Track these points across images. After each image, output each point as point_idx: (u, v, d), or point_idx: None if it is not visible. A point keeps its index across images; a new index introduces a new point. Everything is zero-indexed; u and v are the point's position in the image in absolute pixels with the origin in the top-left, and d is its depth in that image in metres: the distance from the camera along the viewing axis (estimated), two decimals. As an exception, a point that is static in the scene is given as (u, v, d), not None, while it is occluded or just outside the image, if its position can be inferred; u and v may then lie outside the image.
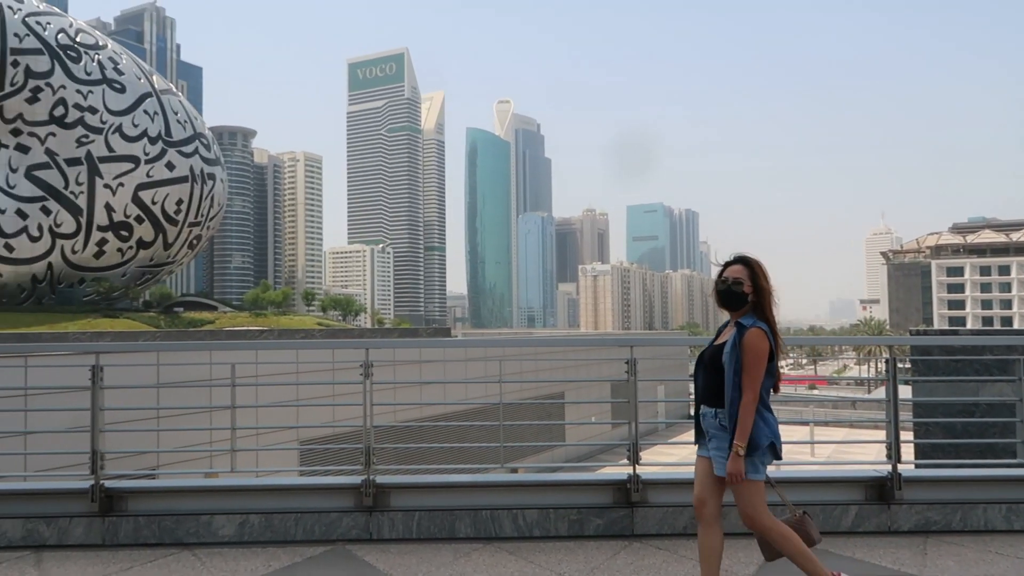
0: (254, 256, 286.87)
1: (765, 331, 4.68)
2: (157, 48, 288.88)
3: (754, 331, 4.67)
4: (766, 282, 4.81)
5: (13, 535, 6.18)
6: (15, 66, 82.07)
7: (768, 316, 4.78)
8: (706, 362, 4.86)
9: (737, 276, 4.84)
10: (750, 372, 4.60)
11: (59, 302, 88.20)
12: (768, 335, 4.69)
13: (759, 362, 4.62)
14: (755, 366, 4.61)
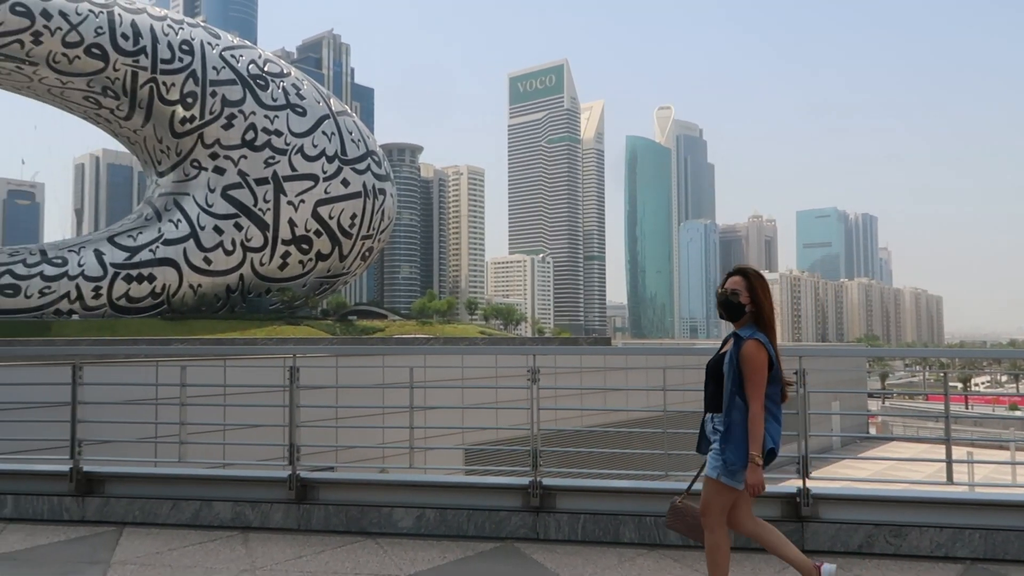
0: (421, 266, 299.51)
1: (763, 342, 4.73)
2: (334, 72, 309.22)
3: (751, 342, 4.73)
4: (764, 294, 4.90)
5: (224, 516, 6.96)
6: (213, 96, 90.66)
7: (767, 327, 4.83)
8: (711, 371, 4.93)
9: (735, 287, 4.96)
10: (751, 382, 4.63)
11: (249, 310, 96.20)
12: (766, 345, 4.74)
13: (759, 372, 4.64)
14: (756, 376, 4.64)
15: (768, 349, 4.75)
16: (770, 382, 4.74)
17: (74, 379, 7.27)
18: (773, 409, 4.79)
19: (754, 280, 4.97)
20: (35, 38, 78.84)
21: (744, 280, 4.98)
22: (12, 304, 79.95)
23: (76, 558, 6.21)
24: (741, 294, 4.94)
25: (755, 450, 4.56)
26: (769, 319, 4.88)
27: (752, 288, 4.94)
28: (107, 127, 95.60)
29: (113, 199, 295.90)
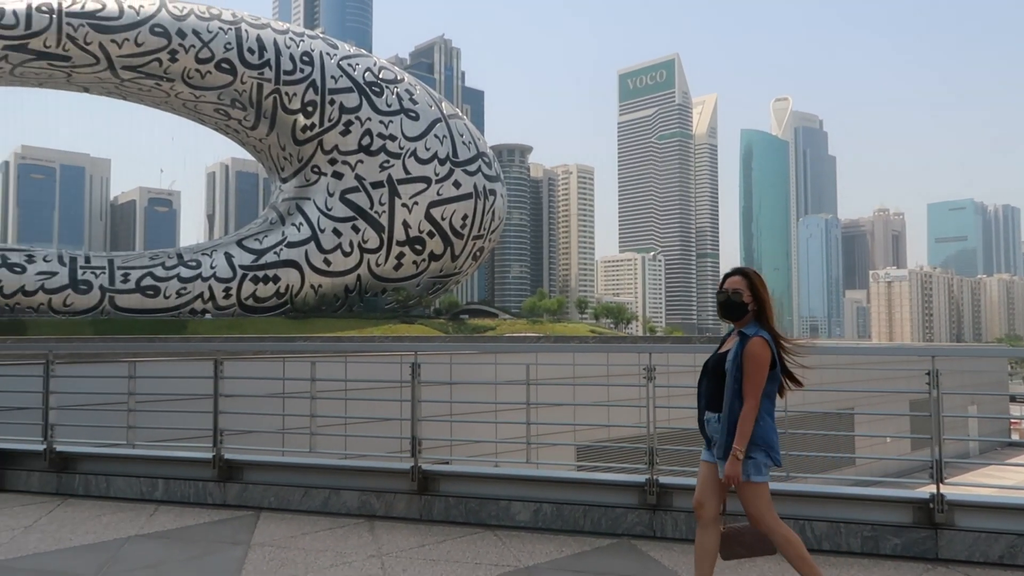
0: (530, 266, 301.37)
1: (767, 340, 4.81)
2: (445, 76, 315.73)
3: (757, 340, 4.80)
4: (765, 292, 4.98)
5: (351, 504, 7.31)
6: (331, 104, 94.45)
7: (770, 325, 4.91)
8: (710, 369, 5.00)
9: (736, 287, 5.00)
10: (752, 379, 4.72)
11: (366, 309, 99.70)
12: (770, 343, 4.81)
13: (761, 370, 4.73)
14: (757, 374, 4.72)
15: (772, 347, 4.82)
16: (770, 380, 4.82)
17: (216, 373, 7.82)
18: (771, 407, 4.87)
19: (755, 279, 5.05)
20: (171, 56, 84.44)
21: (745, 279, 5.03)
22: (152, 304, 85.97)
23: (220, 538, 6.69)
24: (743, 293, 4.98)
25: (739, 444, 4.65)
26: (769, 318, 4.96)
27: (754, 287, 5.00)
28: (236, 137, 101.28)
29: (241, 204, 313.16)
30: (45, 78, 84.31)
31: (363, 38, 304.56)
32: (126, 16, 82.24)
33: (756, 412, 4.71)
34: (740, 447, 4.65)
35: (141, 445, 8.53)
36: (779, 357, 4.87)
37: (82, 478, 8.29)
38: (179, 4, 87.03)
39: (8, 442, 8.92)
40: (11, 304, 79.12)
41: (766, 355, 4.77)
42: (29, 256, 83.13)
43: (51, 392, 8.53)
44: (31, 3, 78.35)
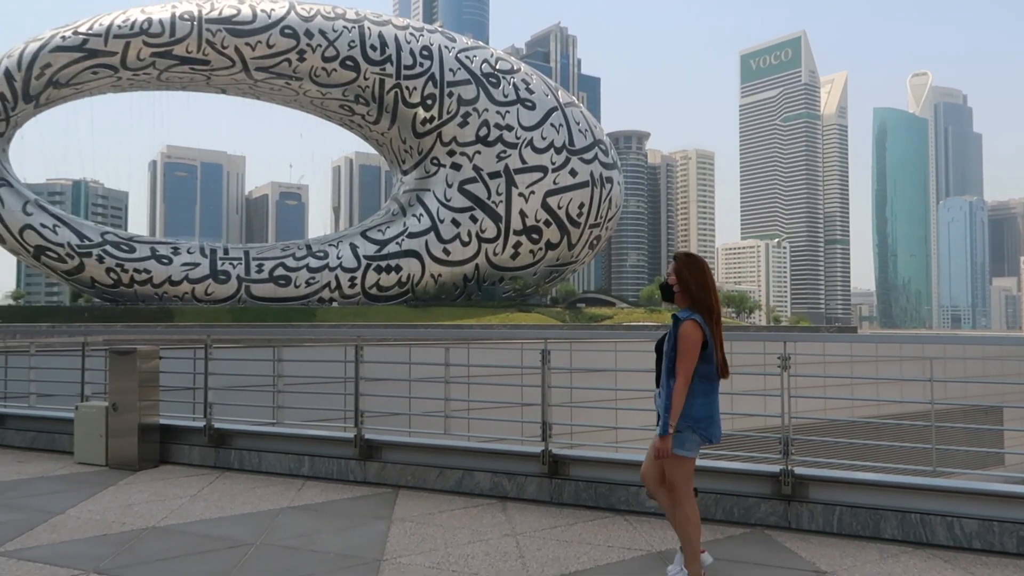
0: (648, 254, 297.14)
1: (699, 322, 4.98)
2: (561, 65, 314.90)
3: (688, 323, 5.00)
4: (692, 275, 5.10)
5: (484, 485, 7.56)
6: (450, 96, 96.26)
7: (703, 307, 5.04)
8: (657, 349, 5.34)
9: (669, 271, 5.24)
10: (683, 359, 4.94)
11: (484, 298, 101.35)
12: (702, 325, 4.98)
13: (691, 350, 4.93)
14: (687, 354, 4.93)
15: (703, 329, 5.00)
16: (704, 360, 5.01)
17: (357, 358, 8.26)
18: (704, 386, 5.05)
19: (681, 263, 5.22)
20: (300, 56, 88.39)
21: (675, 264, 5.25)
22: (284, 293, 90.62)
23: (363, 512, 7.09)
24: (671, 277, 5.22)
25: (672, 420, 4.93)
26: (701, 300, 5.08)
27: (679, 271, 5.18)
28: (359, 132, 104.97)
29: (365, 197, 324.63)
30: (187, 81, 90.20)
31: (480, 30, 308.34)
32: (259, 20, 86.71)
33: (686, 390, 4.94)
34: (672, 423, 4.94)
35: (288, 424, 9.13)
36: (712, 339, 5.05)
37: (237, 453, 8.96)
38: (306, 6, 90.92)
39: (172, 419, 9.75)
40: (159, 293, 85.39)
41: (696, 336, 4.96)
42: (175, 249, 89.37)
43: (210, 374, 9.26)
44: (174, 12, 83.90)
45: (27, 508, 7.38)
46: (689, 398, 4.97)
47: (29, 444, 10.64)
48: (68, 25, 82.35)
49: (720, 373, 5.13)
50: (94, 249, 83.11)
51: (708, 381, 5.08)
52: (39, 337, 22.51)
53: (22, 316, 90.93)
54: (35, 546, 6.19)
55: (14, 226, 79.91)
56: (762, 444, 17.19)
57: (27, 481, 8.63)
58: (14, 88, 79.48)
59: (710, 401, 5.10)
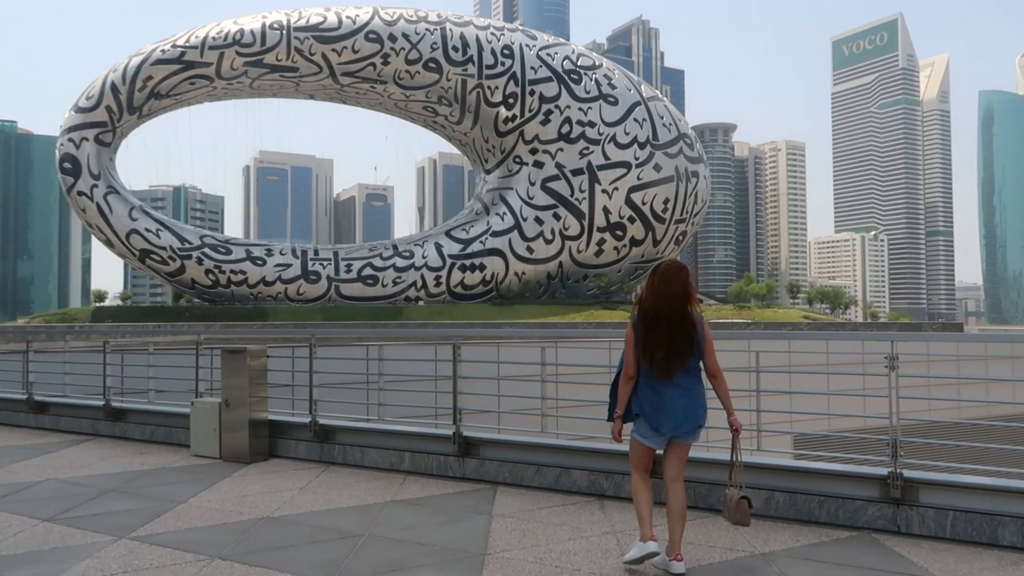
0: (736, 249, 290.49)
1: (631, 322, 5.69)
2: (643, 58, 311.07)
3: (629, 325, 5.75)
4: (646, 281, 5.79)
5: (581, 483, 7.64)
6: (531, 95, 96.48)
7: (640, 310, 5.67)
8: None
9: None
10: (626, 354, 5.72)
11: (567, 296, 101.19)
12: (633, 326, 5.66)
13: (627, 348, 5.71)
14: (625, 352, 5.75)
15: (634, 329, 5.66)
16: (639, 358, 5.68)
17: (455, 357, 8.47)
18: (646, 380, 5.60)
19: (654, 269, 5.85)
20: (384, 59, 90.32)
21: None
22: (372, 292, 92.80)
23: (464, 507, 7.27)
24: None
25: (619, 408, 5.71)
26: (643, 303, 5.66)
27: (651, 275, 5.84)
28: (442, 132, 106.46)
29: (448, 197, 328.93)
30: (277, 88, 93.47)
31: (561, 27, 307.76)
32: (344, 26, 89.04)
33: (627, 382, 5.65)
34: (619, 412, 5.70)
35: (389, 420, 9.42)
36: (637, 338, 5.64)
37: (340, 448, 9.32)
38: (389, 10, 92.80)
39: (280, 415, 10.20)
40: (254, 293, 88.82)
41: (628, 335, 5.71)
42: (268, 250, 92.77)
43: (314, 372, 9.65)
44: (264, 22, 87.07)
45: (153, 497, 7.89)
46: (635, 390, 5.65)
47: (148, 437, 11.33)
48: (167, 39, 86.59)
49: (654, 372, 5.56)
50: (194, 252, 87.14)
51: (647, 376, 5.58)
52: (146, 336, 23.80)
53: (130, 316, 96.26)
54: (163, 532, 6.63)
55: (121, 231, 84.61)
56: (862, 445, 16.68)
57: (150, 472, 9.21)
58: (119, 100, 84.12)
59: (656, 394, 5.54)
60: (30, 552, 6.17)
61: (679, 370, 5.50)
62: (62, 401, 12.93)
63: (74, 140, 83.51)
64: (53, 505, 7.63)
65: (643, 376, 5.57)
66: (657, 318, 5.49)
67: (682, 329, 5.49)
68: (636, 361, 5.58)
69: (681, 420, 5.55)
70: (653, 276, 5.67)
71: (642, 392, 5.58)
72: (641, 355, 5.54)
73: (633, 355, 5.58)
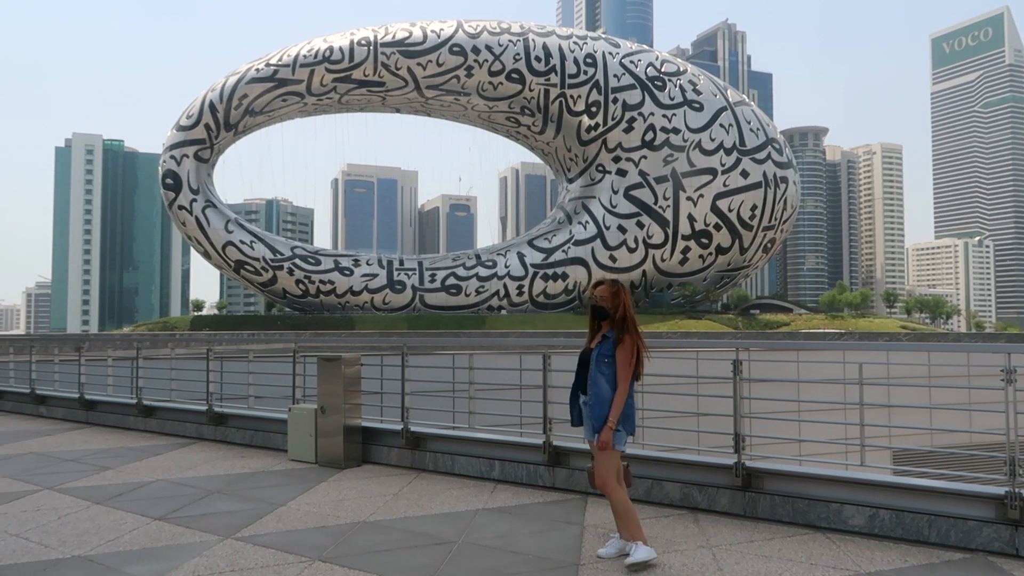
0: (828, 256, 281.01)
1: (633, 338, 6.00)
2: (729, 63, 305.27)
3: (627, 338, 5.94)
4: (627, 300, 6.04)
5: (673, 495, 7.52)
6: (614, 102, 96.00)
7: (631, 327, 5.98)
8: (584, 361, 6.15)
9: (603, 294, 6.11)
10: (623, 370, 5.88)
11: (651, 305, 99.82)
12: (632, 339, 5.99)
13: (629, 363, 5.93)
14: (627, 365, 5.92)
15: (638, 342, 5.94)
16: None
17: (544, 366, 8.48)
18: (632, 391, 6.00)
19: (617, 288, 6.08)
20: (467, 72, 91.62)
21: (610, 288, 6.08)
22: (455, 301, 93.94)
23: (555, 517, 7.26)
24: (608, 300, 6.03)
25: (613, 418, 5.82)
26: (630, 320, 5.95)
27: (616, 295, 6.02)
28: (525, 142, 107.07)
29: (531, 206, 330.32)
30: (365, 103, 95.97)
31: (644, 33, 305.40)
32: (429, 40, 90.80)
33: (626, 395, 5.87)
34: (614, 420, 5.81)
35: (478, 428, 9.50)
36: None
37: (431, 455, 9.46)
38: (473, 23, 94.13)
39: (371, 421, 10.44)
40: (342, 303, 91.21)
41: (632, 346, 5.89)
42: (355, 261, 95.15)
43: (406, 380, 9.84)
44: (352, 39, 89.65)
45: (254, 499, 8.19)
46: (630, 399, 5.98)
47: (248, 441, 11.78)
48: (261, 58, 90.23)
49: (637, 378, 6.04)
50: (285, 262, 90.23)
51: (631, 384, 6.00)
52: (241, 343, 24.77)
53: (226, 325, 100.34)
54: (265, 533, 6.87)
55: (218, 243, 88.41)
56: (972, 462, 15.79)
57: (251, 475, 9.56)
58: (216, 118, 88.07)
59: (633, 402, 6.07)
60: (144, 549, 6.50)
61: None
62: (168, 406, 13.59)
63: (175, 157, 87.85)
64: (163, 504, 8.01)
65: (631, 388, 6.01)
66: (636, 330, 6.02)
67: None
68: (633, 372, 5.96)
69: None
70: (624, 292, 6.06)
71: (629, 402, 5.97)
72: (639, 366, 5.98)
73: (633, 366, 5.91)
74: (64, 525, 7.26)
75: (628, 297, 6.05)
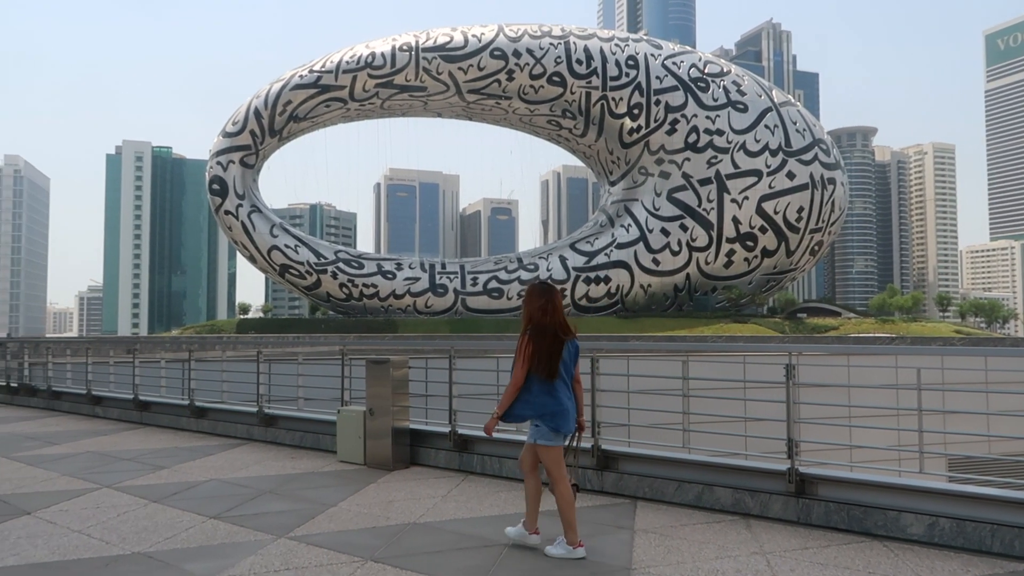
0: (877, 259, 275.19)
1: (531, 336, 6.29)
2: (774, 63, 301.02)
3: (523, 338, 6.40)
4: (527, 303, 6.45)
5: (724, 501, 7.42)
6: (657, 104, 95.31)
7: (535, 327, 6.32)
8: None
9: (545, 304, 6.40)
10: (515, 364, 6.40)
11: (695, 308, 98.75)
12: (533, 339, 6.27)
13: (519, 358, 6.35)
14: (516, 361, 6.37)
15: (534, 343, 6.18)
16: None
17: (592, 370, 8.45)
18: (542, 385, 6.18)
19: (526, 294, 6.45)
20: (508, 75, 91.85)
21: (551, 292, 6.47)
22: (497, 305, 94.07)
23: (605, 521, 7.23)
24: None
25: (499, 410, 6.30)
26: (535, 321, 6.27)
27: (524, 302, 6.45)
28: (566, 145, 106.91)
29: (572, 209, 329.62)
30: (407, 108, 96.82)
31: (686, 34, 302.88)
32: (470, 44, 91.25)
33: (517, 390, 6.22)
34: (498, 412, 6.32)
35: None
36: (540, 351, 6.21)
37: (479, 458, 9.49)
38: (514, 27, 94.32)
39: (419, 424, 10.52)
40: (385, 306, 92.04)
41: (525, 346, 6.23)
42: (398, 264, 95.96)
43: (454, 383, 9.89)
44: (394, 44, 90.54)
45: (305, 499, 8.31)
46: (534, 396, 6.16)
47: (297, 443, 11.95)
48: (304, 65, 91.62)
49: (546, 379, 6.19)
50: (329, 266, 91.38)
51: (541, 383, 6.18)
52: (287, 346, 25.12)
53: (271, 327, 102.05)
54: (317, 533, 6.96)
55: (263, 247, 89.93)
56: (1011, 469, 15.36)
57: (301, 475, 9.71)
58: (262, 125, 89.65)
59: (554, 398, 6.15)
60: (201, 547, 6.64)
61: (558, 377, 6.19)
62: (219, 407, 13.86)
63: (222, 163, 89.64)
64: (217, 504, 8.18)
65: (537, 383, 6.15)
66: (553, 331, 6.21)
67: (563, 341, 6.26)
68: (528, 369, 6.17)
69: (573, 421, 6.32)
70: (546, 296, 6.32)
71: (537, 398, 6.15)
72: (537, 364, 6.13)
73: (526, 364, 6.16)
74: (123, 522, 7.45)
75: (554, 299, 6.38)
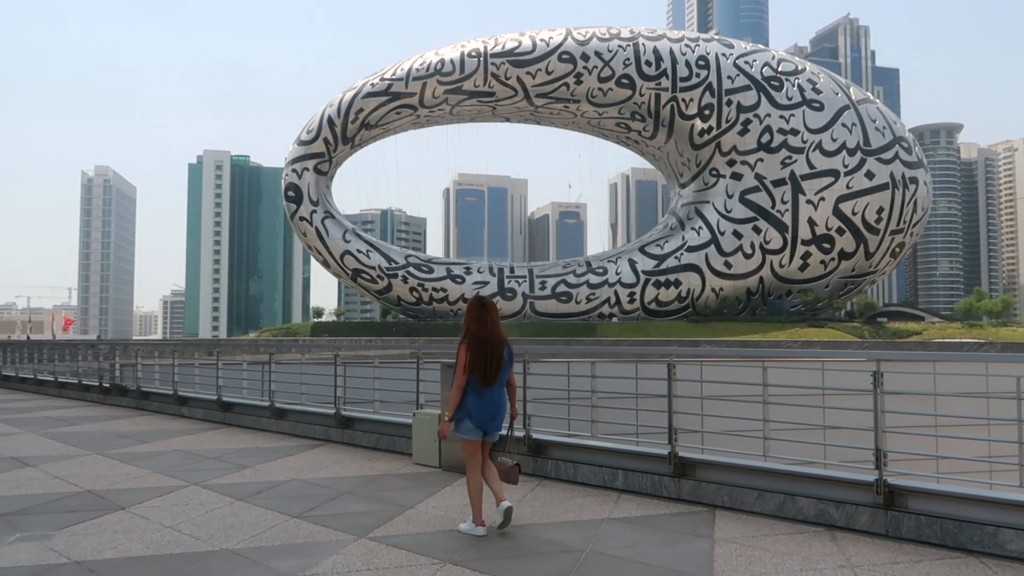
0: (963, 261, 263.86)
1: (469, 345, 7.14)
2: (851, 59, 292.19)
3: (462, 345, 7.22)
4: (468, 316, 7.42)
5: (807, 512, 7.22)
6: (728, 104, 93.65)
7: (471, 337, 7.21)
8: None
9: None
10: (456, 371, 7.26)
11: (769, 312, 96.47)
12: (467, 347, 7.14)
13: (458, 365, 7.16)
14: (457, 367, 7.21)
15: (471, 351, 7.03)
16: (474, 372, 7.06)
17: (669, 375, 8.33)
18: (479, 389, 7.04)
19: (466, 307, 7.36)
20: (576, 79, 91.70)
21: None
22: (566, 309, 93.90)
23: (682, 529, 7.12)
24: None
25: (448, 413, 7.07)
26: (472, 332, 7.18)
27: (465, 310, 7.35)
28: (635, 148, 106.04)
29: (642, 212, 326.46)
30: (475, 113, 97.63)
31: (759, 32, 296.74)
32: (538, 49, 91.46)
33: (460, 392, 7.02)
34: (448, 414, 7.05)
35: (602, 437, 9.44)
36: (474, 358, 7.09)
37: (554, 463, 9.47)
38: (582, 30, 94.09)
39: (493, 427, 10.53)
40: (454, 310, 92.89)
41: (462, 356, 7.06)
42: (467, 268, 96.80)
43: (528, 387, 9.88)
44: (463, 51, 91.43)
45: (383, 500, 8.45)
46: (468, 399, 6.99)
47: (374, 445, 12.16)
48: (375, 73, 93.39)
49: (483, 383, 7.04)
50: (399, 271, 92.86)
51: (475, 387, 7.02)
52: (359, 349, 25.58)
53: (343, 331, 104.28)
54: (397, 534, 7.06)
55: (336, 252, 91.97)
56: None
57: (379, 477, 9.87)
58: (335, 132, 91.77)
59: (482, 401, 7.00)
60: (285, 545, 6.81)
61: (495, 381, 7.03)
62: (298, 408, 14.21)
63: (297, 171, 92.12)
64: (299, 503, 8.38)
65: (472, 388, 6.99)
66: (491, 341, 7.08)
67: (502, 350, 7.14)
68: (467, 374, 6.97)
69: (500, 421, 7.12)
70: (483, 310, 7.26)
71: (470, 399, 6.99)
72: (474, 370, 6.97)
73: (465, 371, 6.96)
74: (211, 519, 7.71)
75: (490, 313, 7.33)
